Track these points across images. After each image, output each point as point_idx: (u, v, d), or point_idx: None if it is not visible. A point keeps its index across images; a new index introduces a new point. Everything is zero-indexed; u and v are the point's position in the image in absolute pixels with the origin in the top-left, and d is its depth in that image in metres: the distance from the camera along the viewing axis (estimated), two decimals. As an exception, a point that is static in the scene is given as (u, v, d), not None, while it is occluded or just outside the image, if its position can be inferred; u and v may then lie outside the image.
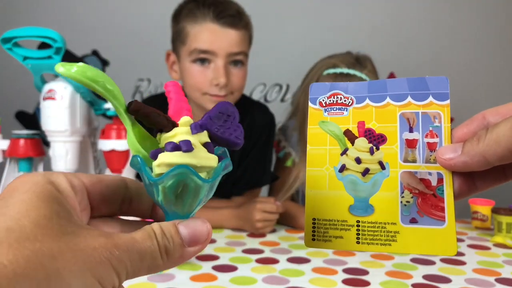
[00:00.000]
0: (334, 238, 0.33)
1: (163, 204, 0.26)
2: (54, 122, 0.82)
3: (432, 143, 0.32)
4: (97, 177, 0.27)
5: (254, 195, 1.15)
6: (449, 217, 0.31)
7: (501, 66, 2.04)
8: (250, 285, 0.67)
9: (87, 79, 0.23)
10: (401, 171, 0.33)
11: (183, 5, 1.05)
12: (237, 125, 0.27)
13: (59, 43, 0.77)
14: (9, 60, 0.98)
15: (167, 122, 0.26)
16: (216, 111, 0.27)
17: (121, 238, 0.22)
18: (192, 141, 0.25)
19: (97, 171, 0.98)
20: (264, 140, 1.17)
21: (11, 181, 0.23)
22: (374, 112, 0.34)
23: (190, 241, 0.24)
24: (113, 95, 0.25)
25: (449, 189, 0.31)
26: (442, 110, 0.33)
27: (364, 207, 0.33)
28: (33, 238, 0.19)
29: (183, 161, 0.24)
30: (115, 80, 0.25)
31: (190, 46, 1.01)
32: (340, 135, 0.34)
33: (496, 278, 0.71)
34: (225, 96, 1.03)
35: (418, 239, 0.31)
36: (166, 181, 0.24)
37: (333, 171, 0.34)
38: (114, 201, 0.28)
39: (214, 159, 0.25)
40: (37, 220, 0.20)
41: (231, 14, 1.01)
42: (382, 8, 2.05)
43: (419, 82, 0.34)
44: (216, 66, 1.01)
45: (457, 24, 2.04)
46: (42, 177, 0.23)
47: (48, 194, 0.22)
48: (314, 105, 0.36)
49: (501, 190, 0.32)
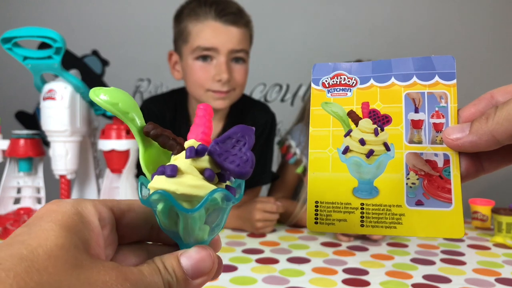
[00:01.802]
0: (338, 221, 0.32)
1: (164, 229, 0.25)
2: (54, 122, 0.82)
3: (438, 124, 0.32)
4: (128, 205, 0.27)
5: (254, 194, 1.16)
6: (456, 199, 0.30)
7: (501, 66, 2.04)
8: (250, 285, 0.67)
9: (116, 110, 0.24)
10: (406, 152, 0.32)
11: (184, 5, 1.07)
12: (246, 153, 0.24)
13: (59, 43, 0.77)
14: (9, 60, 0.98)
15: (176, 145, 0.25)
16: (226, 135, 0.25)
17: (132, 272, 0.22)
18: (183, 166, 0.24)
19: (97, 171, 0.98)
20: (265, 139, 1.17)
21: (11, 181, 0.23)
22: (379, 93, 0.33)
23: (193, 274, 0.24)
24: (130, 118, 0.25)
25: (456, 170, 0.31)
26: (448, 90, 0.32)
27: (369, 189, 0.32)
28: (43, 269, 0.19)
29: (163, 186, 0.23)
30: (115, 80, 0.26)
31: (193, 44, 1.02)
32: (344, 116, 0.34)
33: (496, 278, 0.71)
34: (228, 92, 1.04)
35: (424, 222, 0.31)
36: (156, 205, 0.24)
37: (336, 153, 0.33)
38: (143, 229, 0.27)
39: (204, 188, 0.23)
40: (53, 250, 0.20)
41: (232, 12, 1.03)
42: (382, 8, 2.05)
43: (424, 61, 0.33)
44: (218, 62, 1.02)
45: (457, 24, 2.04)
46: (71, 206, 0.23)
47: (71, 225, 0.22)
48: (317, 86, 0.35)
49: (501, 190, 0.32)
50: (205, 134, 0.26)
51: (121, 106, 0.24)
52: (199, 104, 0.27)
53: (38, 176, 0.92)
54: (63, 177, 0.86)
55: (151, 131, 0.25)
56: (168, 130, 0.26)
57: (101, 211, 0.24)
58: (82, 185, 0.97)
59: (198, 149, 0.24)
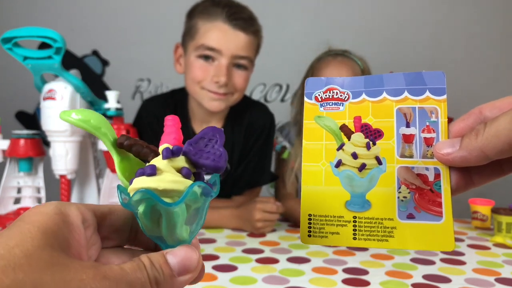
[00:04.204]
0: (331, 234, 0.33)
1: (146, 232, 0.26)
2: (54, 122, 0.82)
3: (429, 138, 0.32)
4: (109, 208, 0.27)
5: (254, 195, 1.16)
6: (446, 212, 0.31)
7: (501, 66, 2.04)
8: (250, 285, 0.67)
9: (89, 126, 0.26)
10: (398, 166, 0.32)
11: (199, 3, 1.08)
12: (219, 149, 0.26)
13: (59, 43, 0.77)
14: (9, 60, 0.98)
15: (150, 152, 0.26)
16: (197, 137, 0.26)
17: (111, 269, 0.22)
18: (161, 166, 0.25)
19: (97, 171, 0.98)
20: (264, 140, 1.17)
21: (11, 181, 0.24)
22: (371, 107, 0.34)
23: (179, 271, 0.24)
24: (102, 133, 0.26)
25: (446, 184, 0.31)
26: (439, 105, 0.33)
27: (361, 202, 0.33)
28: (19, 268, 0.19)
29: (144, 185, 0.24)
30: (115, 80, 0.26)
31: (198, 42, 1.03)
32: (336, 130, 0.34)
33: (496, 278, 0.71)
34: (225, 95, 1.04)
35: (415, 235, 0.31)
36: (137, 207, 0.25)
37: (329, 166, 0.34)
38: (124, 231, 0.28)
39: (183, 183, 0.25)
40: (29, 250, 0.20)
41: (243, 17, 1.03)
42: (381, 8, 2.05)
43: (415, 77, 0.33)
44: (219, 64, 1.02)
45: (456, 24, 2.05)
46: (54, 207, 0.24)
47: (49, 226, 0.22)
48: (309, 100, 0.35)
49: (501, 190, 0.32)
50: (176, 139, 0.27)
51: (93, 122, 0.26)
52: (167, 116, 0.28)
53: (38, 176, 0.92)
54: (63, 177, 0.86)
55: (124, 142, 0.26)
56: (140, 140, 0.27)
57: (84, 213, 0.25)
58: (82, 185, 0.97)
59: (173, 150, 0.25)
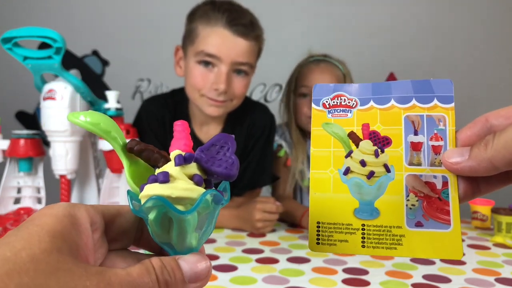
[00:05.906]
0: (339, 242, 0.33)
1: (155, 238, 0.26)
2: (54, 122, 0.82)
3: (437, 146, 0.32)
4: (117, 210, 0.27)
5: (254, 195, 1.16)
6: (454, 220, 0.31)
7: (501, 66, 2.04)
8: (250, 285, 0.67)
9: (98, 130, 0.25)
10: (406, 174, 0.32)
11: (200, 5, 1.06)
12: (231, 156, 0.26)
13: (59, 43, 0.77)
14: (9, 60, 0.98)
15: (160, 157, 0.26)
16: (209, 143, 0.26)
17: (117, 274, 0.22)
18: (173, 173, 0.25)
19: (97, 171, 0.98)
20: (265, 140, 1.17)
21: (11, 181, 0.24)
22: (379, 114, 0.34)
23: (191, 277, 0.24)
24: (112, 137, 0.26)
25: (454, 192, 0.31)
26: (446, 113, 0.32)
27: (369, 210, 0.33)
28: (24, 272, 0.19)
29: (157, 192, 0.24)
30: (115, 80, 0.26)
31: (198, 47, 1.01)
32: (345, 137, 0.34)
33: (496, 278, 0.71)
34: (224, 102, 1.03)
35: (423, 243, 0.31)
36: (148, 213, 0.24)
37: (337, 173, 0.34)
38: (132, 233, 0.28)
39: (196, 191, 0.24)
40: (35, 254, 0.20)
41: (243, 23, 1.00)
42: (382, 8, 2.05)
43: (423, 84, 0.33)
44: (219, 71, 1.00)
45: (457, 24, 2.05)
46: (63, 209, 0.23)
47: (58, 229, 0.22)
48: (317, 106, 0.35)
49: (501, 190, 0.32)
50: (187, 145, 0.27)
51: (103, 126, 0.25)
52: (176, 121, 0.28)
53: (38, 176, 0.92)
54: (63, 177, 0.86)
55: (134, 147, 0.26)
56: (151, 145, 0.27)
57: (93, 215, 0.25)
58: (82, 185, 0.97)
59: (185, 156, 0.25)
